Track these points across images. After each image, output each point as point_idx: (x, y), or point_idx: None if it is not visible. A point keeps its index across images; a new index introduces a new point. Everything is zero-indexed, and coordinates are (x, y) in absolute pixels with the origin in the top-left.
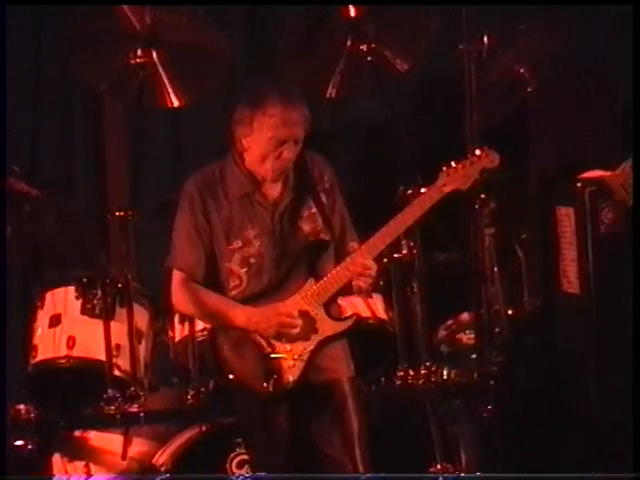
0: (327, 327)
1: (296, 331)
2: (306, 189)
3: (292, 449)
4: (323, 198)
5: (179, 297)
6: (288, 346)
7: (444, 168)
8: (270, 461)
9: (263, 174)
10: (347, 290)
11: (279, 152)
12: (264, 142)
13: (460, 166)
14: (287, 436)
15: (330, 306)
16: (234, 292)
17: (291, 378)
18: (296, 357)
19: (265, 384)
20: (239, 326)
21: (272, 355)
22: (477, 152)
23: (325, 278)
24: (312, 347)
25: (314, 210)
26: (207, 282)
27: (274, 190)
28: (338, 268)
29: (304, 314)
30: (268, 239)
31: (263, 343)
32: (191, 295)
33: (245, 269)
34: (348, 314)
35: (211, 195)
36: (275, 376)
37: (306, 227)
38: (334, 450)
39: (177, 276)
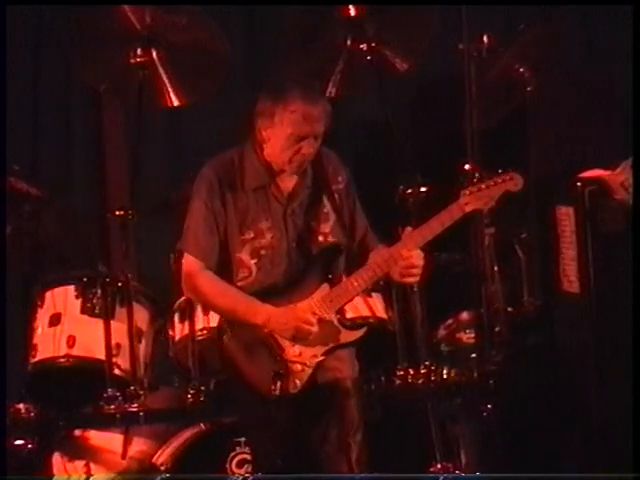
0: (339, 335)
1: (311, 337)
2: (321, 187)
3: (291, 447)
4: (336, 198)
5: (191, 284)
6: (298, 350)
7: (468, 189)
8: (270, 458)
9: (282, 166)
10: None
11: (298, 147)
12: (284, 136)
13: (484, 186)
14: (287, 434)
15: (342, 313)
16: (241, 283)
17: (298, 382)
18: (305, 362)
19: (272, 387)
20: (256, 323)
21: (281, 358)
22: (502, 174)
23: (339, 285)
24: (322, 354)
25: (327, 210)
26: (217, 270)
27: (290, 184)
28: (352, 277)
29: (319, 320)
30: (280, 233)
31: (273, 345)
32: (206, 284)
33: (255, 260)
34: (352, 316)
35: (229, 183)
36: (283, 380)
37: (317, 225)
38: (331, 448)
39: (191, 262)
